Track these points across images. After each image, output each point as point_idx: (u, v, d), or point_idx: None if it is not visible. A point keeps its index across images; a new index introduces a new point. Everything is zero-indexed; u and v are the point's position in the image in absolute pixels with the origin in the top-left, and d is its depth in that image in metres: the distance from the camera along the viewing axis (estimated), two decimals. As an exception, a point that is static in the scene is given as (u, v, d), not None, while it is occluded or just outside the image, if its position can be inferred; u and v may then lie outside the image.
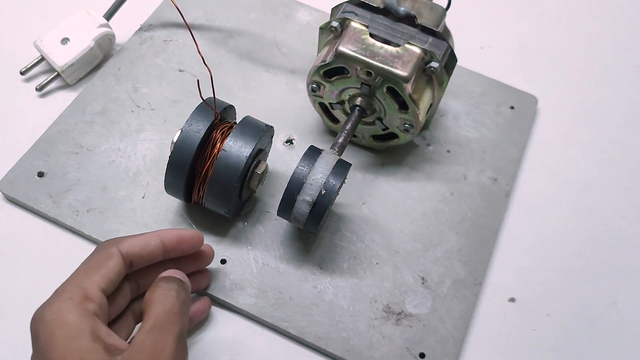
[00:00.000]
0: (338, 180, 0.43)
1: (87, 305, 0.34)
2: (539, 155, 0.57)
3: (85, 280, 0.35)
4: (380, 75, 0.45)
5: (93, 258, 0.37)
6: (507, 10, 0.67)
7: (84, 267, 0.37)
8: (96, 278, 0.35)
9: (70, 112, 0.53)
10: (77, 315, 0.33)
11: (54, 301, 0.34)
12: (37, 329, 0.33)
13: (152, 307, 0.35)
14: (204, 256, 0.44)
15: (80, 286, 0.35)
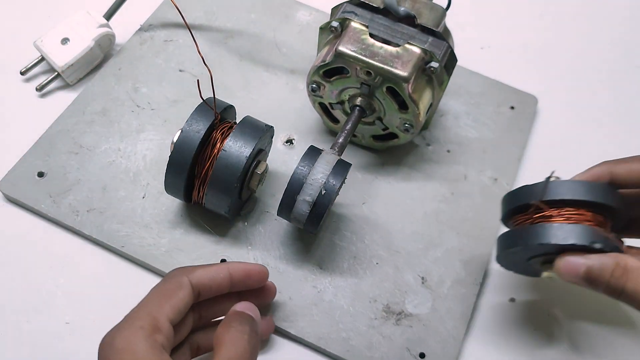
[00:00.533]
0: (338, 180, 0.43)
1: (156, 336, 0.34)
2: (539, 155, 0.57)
3: (157, 310, 0.35)
4: (380, 75, 0.45)
5: (164, 286, 0.37)
6: (507, 10, 0.67)
7: (156, 295, 0.36)
8: (167, 308, 0.35)
9: (70, 112, 0.53)
10: (147, 347, 0.33)
11: (125, 328, 0.34)
12: (106, 354, 0.33)
13: (223, 348, 0.34)
14: (267, 292, 0.44)
15: (151, 315, 0.35)
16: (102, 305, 0.45)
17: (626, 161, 0.39)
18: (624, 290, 0.35)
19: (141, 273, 0.47)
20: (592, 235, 0.37)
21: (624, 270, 0.35)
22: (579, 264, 0.36)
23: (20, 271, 0.46)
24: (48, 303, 0.45)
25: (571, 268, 0.37)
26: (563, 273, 0.37)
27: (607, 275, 0.35)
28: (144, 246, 0.47)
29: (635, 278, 0.34)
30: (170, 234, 0.48)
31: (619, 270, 0.35)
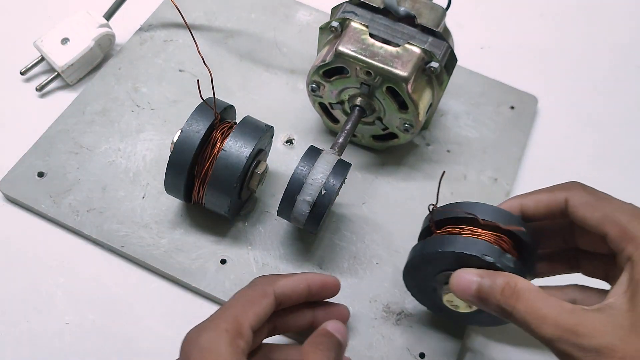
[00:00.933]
0: (338, 180, 0.43)
1: (238, 341, 0.34)
2: (539, 155, 0.57)
3: (242, 315, 0.36)
4: (380, 75, 0.45)
5: (250, 293, 0.38)
6: (507, 10, 0.67)
7: (241, 301, 0.37)
8: (250, 314, 0.36)
9: (70, 112, 0.53)
10: (230, 351, 0.33)
11: (211, 328, 0.35)
12: (190, 351, 0.34)
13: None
14: (338, 309, 0.44)
15: (236, 320, 0.35)
16: (102, 305, 0.45)
17: (533, 193, 0.39)
18: (513, 312, 0.34)
19: (141, 273, 0.47)
20: (485, 249, 0.37)
21: (514, 291, 0.34)
22: (472, 281, 0.36)
23: (20, 271, 0.46)
24: (48, 303, 0.45)
25: (463, 285, 0.36)
26: (456, 290, 0.37)
27: (497, 294, 0.35)
28: (143, 246, 0.47)
29: (525, 299, 0.34)
30: (170, 234, 0.48)
31: (509, 290, 0.34)
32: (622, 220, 0.35)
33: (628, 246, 0.34)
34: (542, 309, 0.33)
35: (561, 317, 0.32)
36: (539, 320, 0.33)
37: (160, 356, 0.44)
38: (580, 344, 0.31)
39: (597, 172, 0.56)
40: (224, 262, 0.47)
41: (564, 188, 0.38)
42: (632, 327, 0.31)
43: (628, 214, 0.35)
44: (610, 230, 0.35)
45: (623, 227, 0.35)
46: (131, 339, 0.44)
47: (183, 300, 0.46)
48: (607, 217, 0.36)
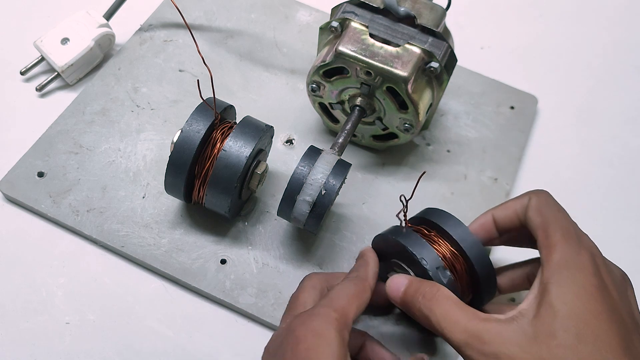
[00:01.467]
0: (338, 180, 0.43)
1: (344, 332, 0.35)
2: (539, 155, 0.57)
3: (348, 307, 0.36)
4: (380, 75, 0.45)
5: (354, 287, 0.38)
6: (507, 10, 0.67)
7: (347, 294, 0.37)
8: (354, 307, 0.37)
9: (70, 112, 0.53)
10: (339, 341, 0.34)
11: (323, 315, 0.35)
12: (302, 334, 0.34)
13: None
14: None
15: (344, 311, 0.36)
16: (102, 305, 0.45)
17: (505, 203, 0.41)
18: (430, 315, 0.36)
19: (141, 273, 0.47)
20: (427, 255, 0.39)
21: (433, 296, 0.36)
22: (401, 283, 0.38)
23: (20, 271, 0.46)
24: (48, 303, 0.45)
25: (394, 286, 0.39)
26: (388, 291, 0.39)
27: (420, 297, 0.37)
28: (144, 246, 0.47)
29: (443, 305, 0.35)
30: (170, 234, 0.48)
31: (430, 294, 0.36)
32: (551, 228, 0.36)
33: (543, 253, 0.36)
34: (456, 314, 0.35)
35: (471, 323, 0.34)
36: (451, 325, 0.34)
37: (160, 356, 0.44)
38: (483, 350, 0.33)
39: (597, 172, 0.56)
40: (224, 262, 0.47)
41: (529, 193, 0.40)
42: (534, 336, 0.32)
43: (558, 226, 0.37)
44: (540, 237, 0.37)
45: (548, 234, 0.36)
46: (131, 339, 0.44)
47: (183, 300, 0.46)
48: (543, 223, 0.37)
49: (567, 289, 0.33)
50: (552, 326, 0.32)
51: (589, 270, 0.34)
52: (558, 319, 0.32)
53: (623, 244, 0.52)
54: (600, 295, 0.33)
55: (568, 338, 0.32)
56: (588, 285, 0.33)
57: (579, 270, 0.34)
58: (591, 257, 0.35)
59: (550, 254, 0.35)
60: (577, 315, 0.32)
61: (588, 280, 0.33)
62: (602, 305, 0.33)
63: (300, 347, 0.34)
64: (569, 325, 0.32)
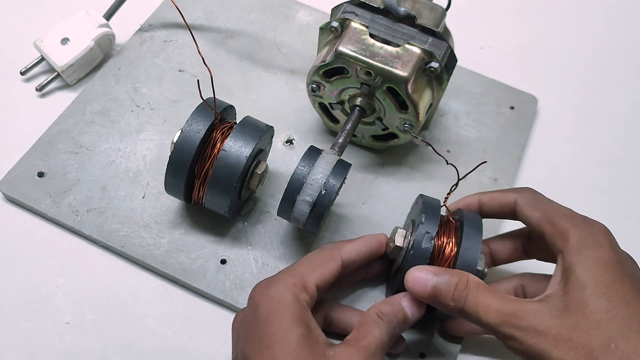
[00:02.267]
0: (338, 180, 0.43)
1: (303, 295, 0.37)
2: (539, 155, 0.57)
3: (308, 273, 0.38)
4: (380, 76, 0.45)
5: (318, 256, 0.41)
6: (507, 10, 0.67)
7: (309, 262, 0.40)
8: (317, 274, 0.39)
9: (70, 112, 0.53)
10: (297, 304, 0.36)
11: (280, 282, 0.37)
12: (260, 301, 0.37)
13: (368, 328, 0.37)
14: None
15: (302, 277, 0.38)
16: (102, 305, 0.45)
17: (491, 192, 0.44)
18: (464, 305, 0.37)
19: (141, 273, 0.47)
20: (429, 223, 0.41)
21: (466, 285, 0.37)
22: (427, 278, 0.38)
23: (20, 271, 0.46)
24: (48, 303, 0.45)
25: (420, 283, 0.39)
26: (412, 288, 0.39)
27: (452, 290, 0.37)
28: (143, 246, 0.47)
29: (474, 293, 0.37)
30: (170, 234, 0.48)
31: (462, 285, 0.37)
32: (556, 219, 0.39)
33: (558, 241, 0.38)
34: (488, 299, 0.36)
35: (504, 305, 0.36)
36: (485, 309, 0.36)
37: (160, 356, 0.44)
38: (521, 325, 0.35)
39: (597, 172, 0.56)
40: (224, 262, 0.47)
41: (515, 190, 0.43)
42: (565, 308, 0.35)
43: (561, 214, 0.39)
44: (546, 228, 0.39)
45: (556, 225, 0.39)
46: (131, 339, 0.44)
47: (183, 300, 0.46)
48: (545, 216, 0.40)
49: (590, 264, 0.36)
50: (582, 297, 0.34)
51: (606, 245, 0.37)
52: (587, 290, 0.35)
53: (623, 244, 0.52)
54: (620, 266, 0.36)
55: (602, 304, 0.34)
56: (608, 258, 0.36)
57: (597, 247, 0.36)
58: (605, 234, 0.38)
59: (567, 240, 0.37)
60: (605, 284, 0.35)
61: (607, 254, 0.36)
62: (623, 274, 0.35)
63: (260, 312, 0.36)
64: (599, 293, 0.34)
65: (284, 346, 0.34)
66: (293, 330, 0.35)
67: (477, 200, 0.44)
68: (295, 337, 0.35)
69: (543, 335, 0.34)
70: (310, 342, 0.35)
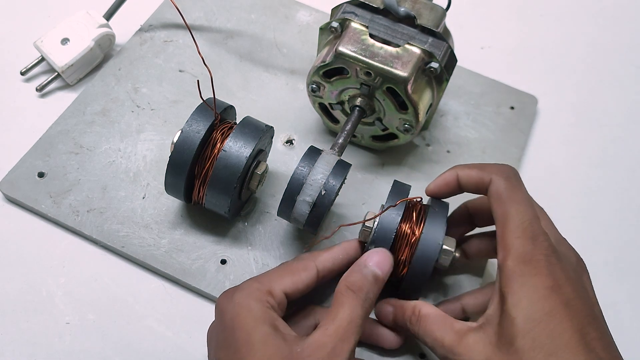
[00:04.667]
0: (338, 180, 0.43)
1: (268, 298, 0.37)
2: (539, 155, 0.57)
3: (276, 280, 0.39)
4: (380, 76, 0.45)
5: (291, 264, 0.41)
6: (507, 10, 0.67)
7: (280, 269, 0.40)
8: (286, 281, 0.39)
9: (71, 112, 0.53)
10: (260, 305, 0.37)
11: (244, 288, 0.38)
12: (224, 307, 0.37)
13: (338, 309, 0.37)
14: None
15: (269, 283, 0.38)
16: (102, 305, 0.45)
17: (469, 167, 0.43)
18: (418, 336, 0.39)
19: (141, 273, 0.47)
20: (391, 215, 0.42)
21: (418, 318, 0.40)
22: (388, 311, 0.42)
23: (20, 271, 0.46)
24: (48, 303, 0.45)
25: (384, 315, 0.42)
26: (380, 318, 0.43)
27: (407, 323, 0.40)
28: (144, 246, 0.47)
29: (425, 325, 0.39)
30: (170, 234, 0.48)
31: (414, 318, 0.40)
32: (509, 227, 0.38)
33: (500, 253, 0.38)
34: (434, 331, 0.38)
35: (446, 338, 0.37)
36: (432, 342, 0.38)
37: (160, 356, 0.44)
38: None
39: (598, 172, 0.56)
40: (224, 262, 0.47)
41: (492, 170, 0.41)
42: (497, 344, 0.35)
43: (517, 222, 0.38)
44: (498, 231, 0.38)
45: (505, 233, 0.38)
46: (131, 339, 0.44)
47: (183, 300, 0.46)
48: (503, 217, 0.38)
49: (522, 295, 0.35)
50: (511, 333, 0.34)
51: (542, 272, 0.35)
52: (515, 326, 0.34)
53: (622, 245, 0.52)
54: (554, 295, 0.35)
55: (525, 343, 0.34)
56: (541, 288, 0.35)
57: (532, 275, 0.35)
58: (545, 256, 0.36)
59: (505, 259, 0.37)
60: (533, 320, 0.34)
61: (541, 282, 0.35)
62: (556, 304, 0.34)
63: (225, 319, 0.37)
64: (525, 330, 0.34)
65: (249, 348, 0.35)
66: (256, 331, 0.35)
67: (455, 176, 0.43)
68: (259, 337, 0.35)
69: None
70: (276, 340, 0.35)
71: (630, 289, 0.50)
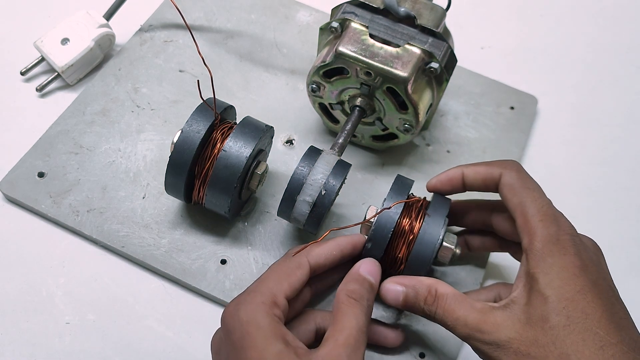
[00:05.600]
0: (338, 180, 0.43)
1: (275, 311, 0.37)
2: (539, 155, 0.57)
3: (276, 287, 0.38)
4: (380, 76, 0.45)
5: (285, 265, 0.40)
6: (507, 10, 0.67)
7: (276, 273, 0.39)
8: (285, 285, 0.38)
9: (71, 112, 0.53)
10: (269, 320, 0.36)
11: (248, 302, 0.37)
12: (231, 325, 0.36)
13: (344, 319, 0.37)
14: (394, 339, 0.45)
15: (271, 292, 0.37)
16: (102, 305, 0.45)
17: (475, 165, 0.43)
18: (435, 316, 0.38)
19: (141, 273, 0.47)
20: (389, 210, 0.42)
21: (434, 298, 0.38)
22: (398, 291, 0.40)
23: (20, 271, 0.46)
24: (48, 303, 0.45)
25: (392, 295, 0.40)
26: (387, 300, 0.40)
27: (422, 302, 0.39)
28: (144, 246, 0.47)
29: (443, 304, 0.38)
30: (170, 234, 0.48)
31: (430, 298, 0.39)
32: (529, 212, 0.38)
33: (525, 238, 0.38)
34: (455, 311, 0.37)
35: (470, 317, 0.37)
36: (454, 322, 0.37)
37: (160, 356, 0.44)
38: (484, 340, 0.36)
39: (598, 172, 0.56)
40: (224, 262, 0.47)
41: (501, 165, 0.42)
42: (528, 320, 0.35)
43: (535, 208, 0.38)
44: (518, 218, 0.39)
45: (527, 219, 0.38)
46: (131, 339, 0.44)
47: (183, 300, 0.46)
48: (521, 205, 0.39)
49: (553, 275, 0.36)
50: (544, 311, 0.35)
51: (570, 252, 0.36)
52: (549, 304, 0.35)
53: (623, 244, 0.52)
54: (582, 274, 0.36)
55: (560, 319, 0.34)
56: (571, 267, 0.36)
57: (562, 254, 0.36)
58: (571, 238, 0.37)
59: (532, 242, 0.37)
60: (566, 298, 0.35)
61: (571, 262, 0.36)
62: (586, 283, 0.35)
63: (234, 338, 0.36)
64: (559, 308, 0.35)
65: None
66: (268, 350, 0.34)
67: (460, 174, 0.44)
68: (272, 355, 0.34)
69: (505, 349, 0.35)
70: (289, 356, 0.34)
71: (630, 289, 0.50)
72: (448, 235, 0.43)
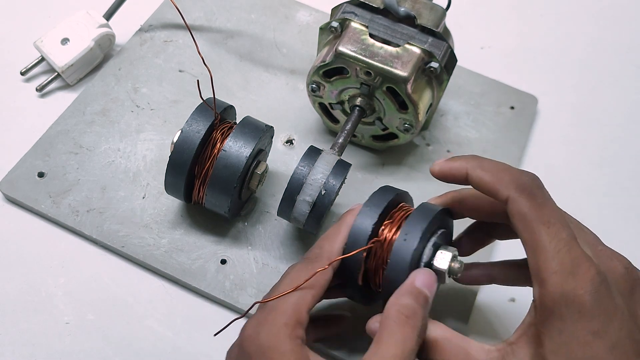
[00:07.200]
0: (338, 180, 0.43)
1: (297, 332, 0.33)
2: (539, 155, 0.57)
3: (301, 302, 0.35)
4: (380, 76, 0.45)
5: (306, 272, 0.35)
6: (507, 10, 0.67)
7: (298, 283, 0.35)
8: (309, 298, 0.35)
9: (71, 112, 0.53)
10: (292, 346, 0.33)
11: (270, 324, 0.34)
12: (251, 350, 0.33)
13: (390, 340, 0.32)
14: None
15: (295, 309, 0.34)
16: (102, 305, 0.45)
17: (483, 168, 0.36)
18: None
19: (141, 273, 0.47)
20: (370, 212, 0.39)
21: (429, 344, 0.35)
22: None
23: (20, 271, 0.46)
24: (48, 303, 0.45)
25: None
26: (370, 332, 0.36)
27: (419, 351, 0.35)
28: (144, 246, 0.47)
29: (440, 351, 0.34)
30: (170, 234, 0.48)
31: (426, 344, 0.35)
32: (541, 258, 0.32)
33: (535, 286, 0.32)
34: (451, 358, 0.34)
35: None
36: None
37: (160, 356, 0.44)
38: None
39: (598, 172, 0.56)
40: (224, 262, 0.47)
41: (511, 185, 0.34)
42: None
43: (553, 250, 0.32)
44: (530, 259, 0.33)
45: (539, 265, 0.32)
46: (131, 339, 0.44)
47: (183, 300, 0.46)
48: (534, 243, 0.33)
49: (560, 343, 0.31)
50: None
51: (586, 315, 0.31)
52: None
53: (623, 245, 0.52)
54: (597, 340, 0.31)
55: None
56: (583, 334, 0.31)
57: (573, 321, 0.31)
58: (590, 294, 0.31)
59: (543, 297, 0.32)
60: None
61: (583, 328, 0.31)
62: (599, 350, 0.31)
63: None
64: None
65: None
66: None
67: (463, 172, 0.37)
68: None
69: None
70: None
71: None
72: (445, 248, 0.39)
